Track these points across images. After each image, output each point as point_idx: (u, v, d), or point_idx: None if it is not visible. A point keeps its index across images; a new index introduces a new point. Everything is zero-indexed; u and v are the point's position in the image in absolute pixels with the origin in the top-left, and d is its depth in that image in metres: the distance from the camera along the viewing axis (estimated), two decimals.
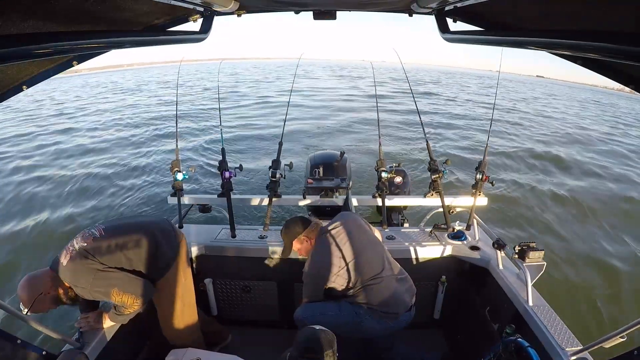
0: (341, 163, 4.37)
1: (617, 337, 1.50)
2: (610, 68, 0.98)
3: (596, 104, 40.38)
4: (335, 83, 37.96)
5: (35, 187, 8.18)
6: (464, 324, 2.83)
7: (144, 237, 2.13)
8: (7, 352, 1.41)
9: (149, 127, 14.71)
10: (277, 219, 6.11)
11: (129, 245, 2.08)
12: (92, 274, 1.93)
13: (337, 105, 20.27)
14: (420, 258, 2.84)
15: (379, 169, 3.18)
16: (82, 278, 1.93)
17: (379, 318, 2.19)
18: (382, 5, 1.84)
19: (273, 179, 3.02)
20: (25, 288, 1.87)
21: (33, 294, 1.86)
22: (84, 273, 1.93)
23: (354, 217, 2.47)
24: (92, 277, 1.92)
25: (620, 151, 13.75)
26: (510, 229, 6.34)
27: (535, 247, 2.30)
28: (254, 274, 2.89)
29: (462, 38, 1.42)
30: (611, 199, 8.17)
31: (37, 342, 1.57)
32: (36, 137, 13.54)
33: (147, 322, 2.39)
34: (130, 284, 2.01)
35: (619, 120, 25.01)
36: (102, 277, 1.95)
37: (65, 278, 1.94)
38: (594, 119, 24.33)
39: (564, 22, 1.02)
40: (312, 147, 10.59)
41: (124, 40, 1.09)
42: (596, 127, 20.04)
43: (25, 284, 1.89)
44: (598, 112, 30.32)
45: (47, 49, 0.80)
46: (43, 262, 2.13)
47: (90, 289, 1.94)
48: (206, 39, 1.59)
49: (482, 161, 2.86)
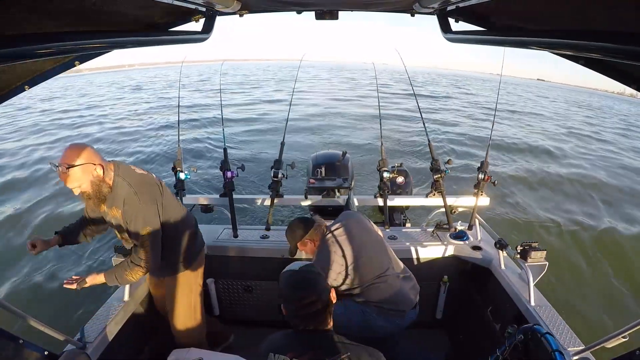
0: (343, 163, 4.37)
1: (619, 337, 1.50)
2: (612, 68, 0.98)
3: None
4: (338, 83, 37.98)
5: None
6: (466, 324, 2.83)
7: (192, 221, 2.27)
8: (9, 352, 1.41)
9: (150, 127, 14.75)
10: (279, 218, 6.11)
11: (184, 220, 2.16)
12: (151, 199, 1.92)
13: (339, 106, 20.28)
14: (422, 258, 2.84)
15: (381, 168, 3.18)
16: (144, 190, 1.91)
17: (387, 316, 2.18)
18: (384, 6, 1.84)
19: (275, 178, 3.02)
20: (84, 150, 1.78)
21: (88, 158, 1.77)
22: (147, 190, 1.93)
23: (357, 216, 2.47)
24: (149, 201, 1.90)
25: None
26: (511, 228, 6.34)
27: (538, 247, 2.30)
28: (256, 273, 2.89)
29: (464, 38, 1.42)
30: (617, 199, 8.18)
31: (39, 342, 1.56)
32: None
33: (149, 323, 2.40)
34: (159, 244, 1.99)
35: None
36: (154, 212, 1.93)
37: (128, 177, 1.89)
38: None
39: (567, 21, 1.02)
40: (314, 147, 10.58)
41: (126, 40, 1.09)
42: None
43: (86, 147, 1.80)
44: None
45: (49, 49, 0.80)
46: None
47: (133, 206, 1.87)
48: (208, 39, 1.59)
49: (484, 161, 2.86)
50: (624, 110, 41.27)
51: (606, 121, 25.70)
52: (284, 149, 3.20)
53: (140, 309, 2.36)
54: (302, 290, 1.40)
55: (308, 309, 1.38)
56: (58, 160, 1.74)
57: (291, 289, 1.41)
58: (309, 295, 1.38)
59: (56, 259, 5.30)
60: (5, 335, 1.41)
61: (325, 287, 1.44)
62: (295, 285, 1.42)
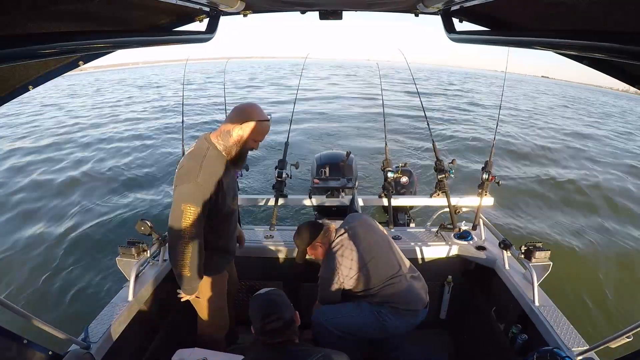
0: (347, 163, 4.37)
1: (623, 337, 1.49)
2: (617, 68, 0.97)
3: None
4: (342, 82, 37.95)
5: None
6: (470, 324, 2.82)
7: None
8: (13, 352, 1.42)
9: (152, 127, 14.82)
10: (283, 219, 6.12)
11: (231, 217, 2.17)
12: (201, 161, 1.85)
13: (343, 105, 20.26)
14: (427, 258, 2.84)
15: (385, 168, 3.18)
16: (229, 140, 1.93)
17: (401, 316, 2.19)
18: (388, 6, 1.84)
19: (279, 178, 3.02)
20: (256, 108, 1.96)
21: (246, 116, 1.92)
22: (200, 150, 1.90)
23: (364, 218, 2.47)
24: (200, 165, 1.84)
25: None
26: (515, 228, 6.32)
27: (542, 246, 2.30)
28: (260, 274, 2.90)
29: (468, 38, 1.42)
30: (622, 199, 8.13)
31: (44, 342, 1.57)
32: None
33: (153, 323, 2.40)
34: (201, 226, 1.89)
35: None
36: (205, 182, 1.84)
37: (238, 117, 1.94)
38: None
39: (570, 22, 1.02)
40: (318, 146, 10.58)
41: (130, 40, 1.09)
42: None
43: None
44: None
45: (53, 49, 0.80)
46: None
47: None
48: (212, 39, 1.59)
49: (488, 161, 2.85)
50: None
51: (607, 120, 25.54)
52: (288, 149, 3.20)
53: (144, 309, 2.37)
54: (265, 310, 1.57)
55: (272, 325, 1.54)
56: None
57: (257, 310, 1.58)
58: (271, 315, 1.54)
59: (57, 258, 5.35)
60: (9, 336, 1.41)
61: (288, 308, 1.60)
62: (259, 307, 1.59)
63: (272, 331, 1.54)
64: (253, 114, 1.92)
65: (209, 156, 1.87)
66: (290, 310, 1.60)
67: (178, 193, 1.81)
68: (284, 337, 1.56)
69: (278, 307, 1.57)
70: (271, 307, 1.57)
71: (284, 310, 1.57)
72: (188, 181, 1.79)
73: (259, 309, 1.58)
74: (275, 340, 1.55)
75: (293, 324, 1.59)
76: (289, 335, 1.57)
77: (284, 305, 1.60)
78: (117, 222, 6.50)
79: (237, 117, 1.92)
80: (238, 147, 1.95)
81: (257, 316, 1.57)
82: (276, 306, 1.57)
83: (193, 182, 1.79)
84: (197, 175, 1.79)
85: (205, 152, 1.88)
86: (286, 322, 1.56)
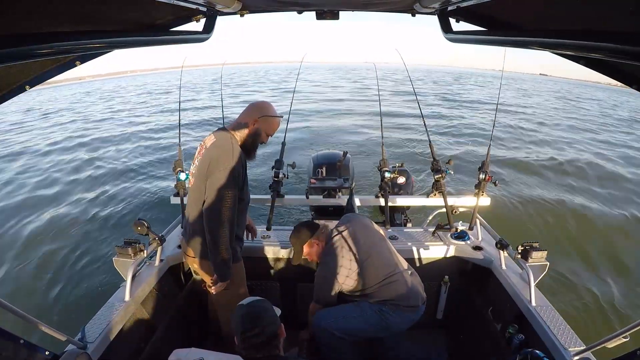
0: (344, 163, 4.37)
1: (620, 337, 1.50)
2: (613, 68, 0.98)
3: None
4: (338, 84, 37.98)
5: None
6: (467, 324, 2.83)
7: None
8: (9, 352, 1.41)
9: (151, 127, 14.78)
10: (280, 218, 6.12)
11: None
12: (232, 148, 1.95)
13: (340, 106, 20.28)
14: (423, 258, 2.84)
15: (382, 168, 3.18)
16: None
17: (402, 312, 2.19)
18: (385, 5, 1.84)
19: (276, 178, 3.01)
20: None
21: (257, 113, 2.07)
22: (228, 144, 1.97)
23: (360, 217, 2.48)
24: (232, 152, 1.95)
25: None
26: (512, 228, 6.33)
27: (538, 247, 2.31)
28: (256, 274, 2.89)
29: (465, 38, 1.42)
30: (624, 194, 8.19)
31: (40, 342, 1.56)
32: None
33: (149, 323, 2.40)
34: (236, 211, 2.01)
35: None
36: (236, 169, 1.95)
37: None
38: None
39: (567, 22, 1.02)
40: (315, 147, 10.58)
41: (127, 40, 1.09)
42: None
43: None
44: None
45: (50, 49, 0.80)
46: None
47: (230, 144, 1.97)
48: (209, 39, 1.59)
49: (485, 161, 2.85)
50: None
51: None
52: (285, 149, 3.19)
53: (141, 309, 2.36)
54: (246, 324, 1.49)
55: (252, 340, 1.47)
56: None
57: (238, 322, 1.51)
58: (252, 329, 1.47)
59: (57, 258, 5.32)
60: (6, 336, 1.41)
61: (272, 320, 1.52)
62: (240, 319, 1.51)
63: (253, 346, 1.48)
64: (268, 110, 2.10)
65: (235, 146, 1.98)
66: (274, 324, 1.52)
67: (216, 180, 1.91)
68: (265, 352, 1.49)
69: (260, 321, 1.49)
70: (253, 320, 1.49)
71: (266, 323, 1.49)
72: (225, 168, 1.91)
73: (240, 321, 1.50)
74: (256, 355, 1.48)
75: (276, 339, 1.52)
76: (270, 350, 1.50)
77: (267, 318, 1.51)
78: (115, 222, 6.48)
79: (254, 112, 2.08)
80: (252, 140, 2.08)
81: (237, 329, 1.50)
82: (258, 319, 1.49)
83: (229, 169, 1.91)
84: (230, 162, 1.92)
85: (231, 142, 1.98)
86: (268, 337, 1.49)
